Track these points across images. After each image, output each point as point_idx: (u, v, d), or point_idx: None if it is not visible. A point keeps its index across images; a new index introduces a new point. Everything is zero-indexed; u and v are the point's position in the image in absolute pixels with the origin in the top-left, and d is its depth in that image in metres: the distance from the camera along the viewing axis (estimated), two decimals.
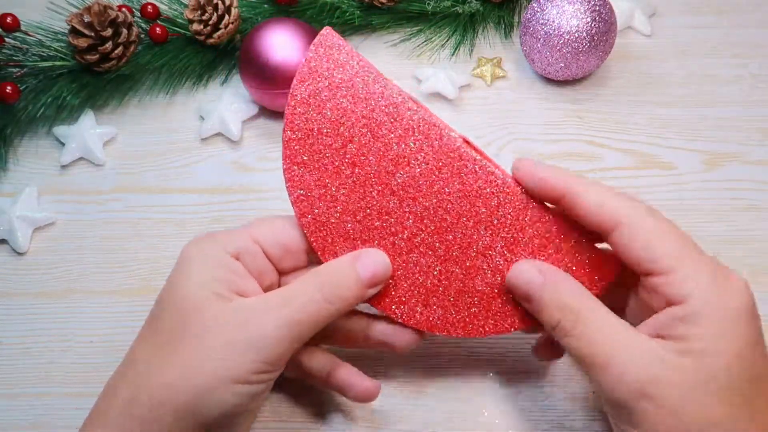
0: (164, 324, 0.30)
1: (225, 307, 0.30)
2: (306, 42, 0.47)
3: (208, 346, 0.29)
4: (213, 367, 0.28)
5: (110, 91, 0.51)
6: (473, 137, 0.49)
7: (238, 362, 0.29)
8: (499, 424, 0.37)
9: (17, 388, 0.40)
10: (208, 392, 0.28)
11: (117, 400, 0.29)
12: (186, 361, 0.29)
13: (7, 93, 0.47)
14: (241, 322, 0.29)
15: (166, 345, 0.29)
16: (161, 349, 0.29)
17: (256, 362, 0.29)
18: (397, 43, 0.55)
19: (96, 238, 0.45)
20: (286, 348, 0.30)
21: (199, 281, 0.30)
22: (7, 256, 0.45)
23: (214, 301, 0.30)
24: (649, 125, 0.49)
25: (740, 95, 0.51)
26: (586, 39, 0.47)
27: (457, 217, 0.32)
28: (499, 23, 0.55)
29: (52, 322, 0.42)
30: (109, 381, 0.31)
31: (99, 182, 0.48)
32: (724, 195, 0.46)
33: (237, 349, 0.29)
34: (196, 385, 0.28)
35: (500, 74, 0.52)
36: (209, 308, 0.29)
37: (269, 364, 0.29)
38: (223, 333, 0.29)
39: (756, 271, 0.42)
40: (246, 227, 0.33)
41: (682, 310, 0.27)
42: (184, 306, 0.30)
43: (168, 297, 0.31)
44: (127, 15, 0.49)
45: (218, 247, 0.31)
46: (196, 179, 0.48)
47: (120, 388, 0.30)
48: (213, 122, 0.49)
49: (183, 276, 0.31)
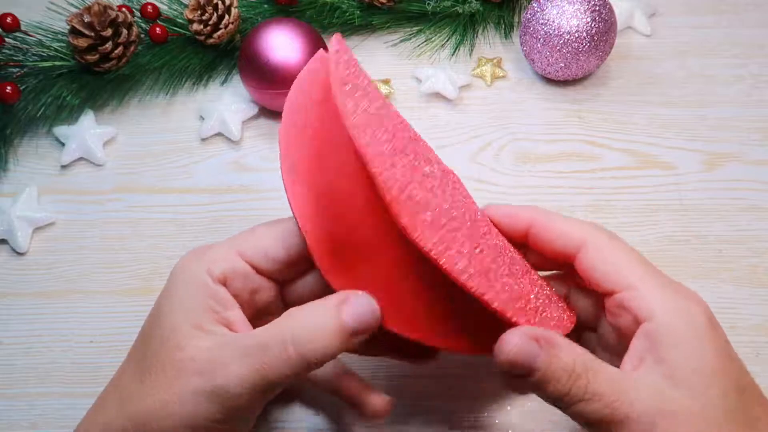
0: (148, 352, 0.30)
1: (201, 347, 0.28)
2: (306, 41, 0.47)
3: (179, 392, 0.28)
4: (180, 414, 0.28)
5: (110, 91, 0.51)
6: (473, 137, 0.49)
7: (203, 414, 0.28)
8: (499, 424, 0.37)
9: (17, 388, 0.40)
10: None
11: (97, 422, 0.29)
12: (159, 399, 0.28)
13: (7, 93, 0.47)
14: (210, 370, 0.28)
15: (146, 376, 0.29)
16: (142, 380, 0.29)
17: (222, 413, 0.28)
18: (397, 43, 0.55)
19: (96, 238, 0.45)
20: (252, 401, 0.28)
21: (183, 311, 0.29)
22: (7, 256, 0.45)
23: (194, 338, 0.29)
24: (649, 125, 0.49)
25: (740, 95, 0.51)
26: (586, 39, 0.47)
27: None
28: (499, 23, 0.55)
29: (52, 322, 0.42)
30: (97, 398, 0.31)
31: (99, 182, 0.48)
32: (724, 195, 0.46)
33: (203, 400, 0.28)
34: (163, 428, 0.28)
35: (500, 74, 0.52)
36: (187, 347, 0.28)
37: (235, 414, 0.28)
38: (191, 381, 0.28)
39: (757, 270, 0.42)
40: (233, 241, 0.31)
41: (654, 328, 0.28)
42: (166, 338, 0.29)
43: (154, 323, 0.30)
44: (127, 15, 0.49)
45: (203, 270, 0.30)
46: (196, 179, 0.48)
47: (101, 409, 0.30)
48: (213, 122, 0.49)
49: (167, 303, 0.30)
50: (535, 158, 0.48)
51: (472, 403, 0.38)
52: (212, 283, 0.30)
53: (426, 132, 0.49)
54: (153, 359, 0.29)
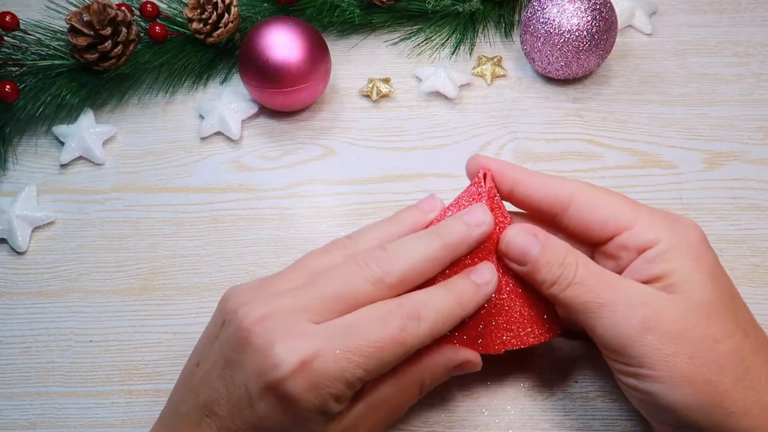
0: None
1: None
2: (306, 40, 0.47)
3: None
4: None
5: (110, 90, 0.51)
6: (473, 136, 0.49)
7: None
8: (499, 424, 0.37)
9: (17, 388, 0.39)
10: None
11: None
12: None
13: (6, 92, 0.47)
14: None
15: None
16: None
17: None
18: (397, 42, 0.55)
19: (95, 237, 0.45)
20: None
21: None
22: (6, 255, 0.45)
23: None
24: (650, 124, 0.49)
25: (741, 94, 0.51)
26: (586, 38, 0.47)
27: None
28: (499, 22, 0.55)
29: (51, 322, 0.42)
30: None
31: (98, 181, 0.48)
32: (725, 194, 0.46)
33: None
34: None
35: (500, 73, 0.52)
36: None
37: None
38: None
39: (758, 270, 0.42)
40: (342, 342, 0.28)
41: (653, 252, 0.31)
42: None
43: None
44: (126, 14, 0.49)
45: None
46: (195, 178, 0.48)
47: None
48: (213, 121, 0.49)
49: None
50: (535, 157, 0.48)
51: (471, 403, 0.38)
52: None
53: (426, 131, 0.50)
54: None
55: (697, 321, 0.29)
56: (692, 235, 0.31)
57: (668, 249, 0.30)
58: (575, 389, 0.38)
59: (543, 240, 0.32)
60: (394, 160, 0.48)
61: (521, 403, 0.38)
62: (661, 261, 0.30)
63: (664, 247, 0.30)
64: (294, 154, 0.49)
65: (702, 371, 0.28)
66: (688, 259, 0.30)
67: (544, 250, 0.31)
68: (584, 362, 0.39)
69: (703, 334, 0.28)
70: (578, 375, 0.38)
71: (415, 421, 0.37)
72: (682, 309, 0.29)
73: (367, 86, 0.52)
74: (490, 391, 0.38)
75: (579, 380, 0.38)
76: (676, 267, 0.30)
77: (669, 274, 0.30)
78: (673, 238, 0.31)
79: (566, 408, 0.37)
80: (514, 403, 0.38)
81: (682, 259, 0.30)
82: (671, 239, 0.31)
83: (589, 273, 0.31)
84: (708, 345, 0.28)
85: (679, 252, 0.30)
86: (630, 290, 0.30)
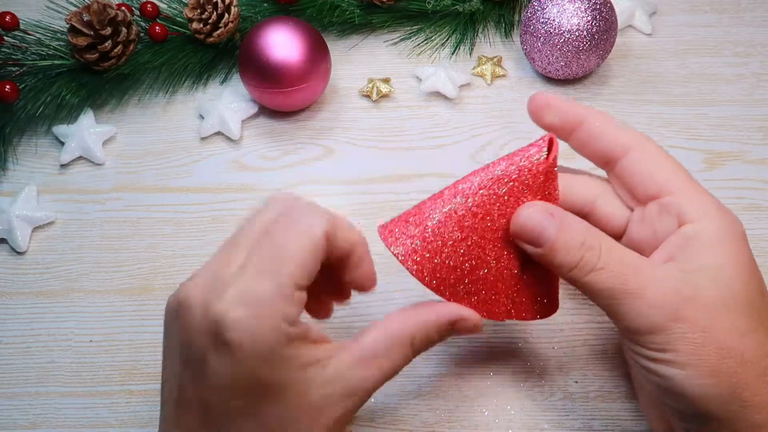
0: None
1: None
2: (306, 40, 0.47)
3: None
4: None
5: (110, 90, 0.51)
6: (473, 136, 0.49)
7: None
8: (499, 424, 0.37)
9: (17, 388, 0.39)
10: None
11: None
12: None
13: (6, 92, 0.47)
14: None
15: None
16: None
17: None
18: (397, 42, 0.55)
19: (95, 237, 0.45)
20: None
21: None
22: (6, 255, 0.45)
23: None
24: (650, 124, 0.49)
25: (741, 94, 0.51)
26: (586, 38, 0.47)
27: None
28: (499, 22, 0.55)
29: (51, 322, 0.42)
30: None
31: (98, 181, 0.48)
32: (726, 194, 0.46)
33: None
34: None
35: (500, 73, 0.52)
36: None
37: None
38: None
39: None
40: (276, 278, 0.27)
41: (693, 229, 0.29)
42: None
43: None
44: (126, 13, 0.49)
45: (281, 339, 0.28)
46: (195, 178, 0.48)
47: None
48: (213, 121, 0.49)
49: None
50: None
51: (471, 402, 0.38)
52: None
53: (426, 131, 0.50)
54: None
55: (727, 314, 0.28)
56: (738, 227, 0.30)
57: (714, 233, 0.29)
58: (575, 389, 0.38)
59: (560, 219, 0.30)
60: (394, 160, 0.48)
61: (521, 403, 0.38)
62: (701, 244, 0.29)
63: (711, 229, 0.29)
64: (294, 154, 0.49)
65: (728, 363, 0.28)
66: (731, 249, 0.29)
67: (561, 231, 0.29)
68: (584, 362, 0.39)
69: (731, 327, 0.28)
70: (578, 375, 0.38)
71: (415, 421, 0.37)
72: (714, 300, 0.28)
73: (367, 86, 0.52)
74: (490, 391, 0.38)
75: (579, 380, 0.38)
76: (718, 253, 0.29)
77: (707, 257, 0.29)
78: (720, 224, 0.29)
79: (566, 408, 0.37)
80: (514, 403, 0.38)
81: (724, 248, 0.29)
82: (718, 224, 0.29)
83: (614, 258, 0.29)
84: (735, 338, 0.28)
85: (723, 240, 0.29)
86: (660, 277, 0.29)
